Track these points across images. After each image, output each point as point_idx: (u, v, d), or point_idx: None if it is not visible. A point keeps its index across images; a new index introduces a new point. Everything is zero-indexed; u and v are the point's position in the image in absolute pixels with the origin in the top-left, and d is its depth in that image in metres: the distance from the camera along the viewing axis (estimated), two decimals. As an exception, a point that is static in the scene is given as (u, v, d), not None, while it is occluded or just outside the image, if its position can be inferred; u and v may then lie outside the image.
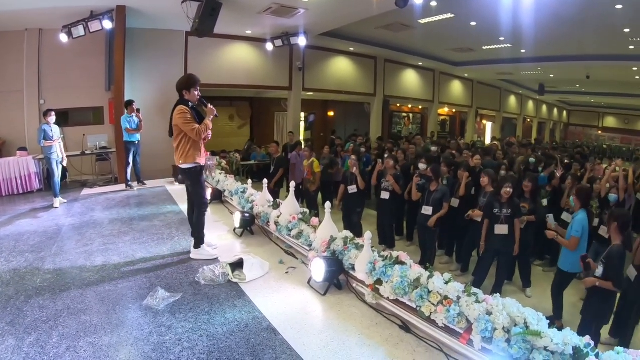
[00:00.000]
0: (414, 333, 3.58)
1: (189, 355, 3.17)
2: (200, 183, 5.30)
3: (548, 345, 2.71)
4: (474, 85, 24.97)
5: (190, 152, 5.02)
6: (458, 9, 11.41)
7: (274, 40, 13.26)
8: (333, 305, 4.06)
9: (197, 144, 5.08)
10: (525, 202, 6.27)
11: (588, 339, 2.75)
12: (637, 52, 14.24)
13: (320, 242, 4.74)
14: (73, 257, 5.25)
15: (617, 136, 37.99)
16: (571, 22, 11.52)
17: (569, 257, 5.36)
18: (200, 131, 4.93)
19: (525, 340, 2.81)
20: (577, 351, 2.66)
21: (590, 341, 2.74)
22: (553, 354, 2.70)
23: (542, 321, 2.90)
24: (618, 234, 4.29)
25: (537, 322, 2.88)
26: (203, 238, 5.39)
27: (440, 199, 6.67)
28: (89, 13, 9.88)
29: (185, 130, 4.90)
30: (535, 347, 2.77)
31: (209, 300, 4.09)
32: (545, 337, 2.73)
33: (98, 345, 3.29)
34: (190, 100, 5.03)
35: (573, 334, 2.77)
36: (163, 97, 11.29)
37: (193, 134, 4.91)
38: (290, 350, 3.28)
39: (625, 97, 27.03)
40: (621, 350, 2.64)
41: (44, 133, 8.16)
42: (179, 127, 4.92)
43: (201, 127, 4.95)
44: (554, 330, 2.80)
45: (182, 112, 4.89)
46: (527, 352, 2.79)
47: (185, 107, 4.93)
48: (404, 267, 3.80)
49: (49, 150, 8.28)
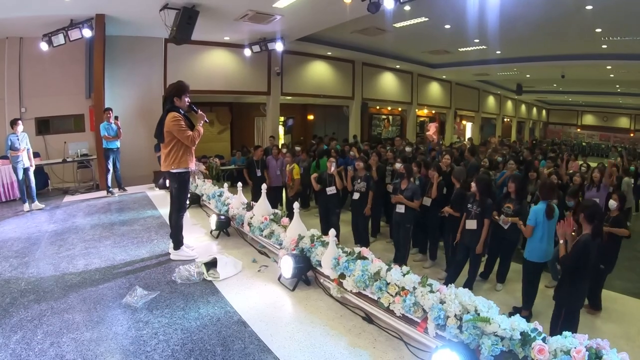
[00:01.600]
0: (376, 324, 3.83)
1: (164, 347, 3.41)
2: (187, 188, 5.53)
3: (497, 331, 2.89)
4: (452, 87, 25.28)
5: (183, 158, 5.19)
6: (431, 13, 11.57)
7: (252, 45, 13.40)
8: (301, 300, 4.33)
9: (190, 149, 5.25)
10: (510, 203, 6.42)
11: (536, 324, 2.94)
12: (610, 51, 14.50)
13: (290, 240, 5.01)
14: (56, 261, 5.40)
15: (596, 133, 38.77)
16: (542, 23, 11.78)
17: (532, 247, 5.60)
18: (194, 137, 5.14)
19: (475, 327, 2.98)
20: (525, 336, 2.85)
21: (537, 326, 2.92)
22: (502, 339, 2.88)
23: (492, 309, 3.09)
24: (587, 224, 4.44)
25: (487, 309, 3.08)
26: (182, 240, 5.58)
27: (411, 196, 6.87)
28: (69, 21, 9.95)
29: (180, 137, 5.06)
30: (485, 333, 2.95)
31: (184, 297, 4.32)
32: (493, 323, 2.90)
33: (80, 340, 3.49)
34: (181, 107, 5.18)
35: (522, 320, 2.96)
36: (143, 104, 11.45)
37: (188, 140, 5.09)
38: (258, 341, 3.53)
39: (603, 95, 27.67)
40: (569, 335, 2.80)
41: (11, 143, 8.36)
42: (173, 133, 5.05)
43: (194, 133, 5.14)
44: (503, 316, 2.98)
45: (176, 119, 5.03)
46: (477, 338, 2.97)
47: (177, 114, 5.07)
48: (365, 261, 4.06)
49: (16, 160, 8.48)
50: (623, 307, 6.15)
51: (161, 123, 5.12)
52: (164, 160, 5.25)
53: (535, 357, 2.72)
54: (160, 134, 5.13)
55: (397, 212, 7.04)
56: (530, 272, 5.73)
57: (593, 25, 11.57)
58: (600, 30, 12.13)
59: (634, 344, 5.02)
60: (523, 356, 2.82)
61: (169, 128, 5.05)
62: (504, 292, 6.65)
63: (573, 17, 10.95)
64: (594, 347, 2.67)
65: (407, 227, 7.07)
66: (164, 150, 5.24)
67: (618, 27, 11.64)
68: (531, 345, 2.78)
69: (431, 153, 10.45)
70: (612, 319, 5.76)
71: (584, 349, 2.63)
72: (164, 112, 5.15)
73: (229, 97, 16.92)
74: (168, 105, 5.18)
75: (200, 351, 3.36)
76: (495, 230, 6.46)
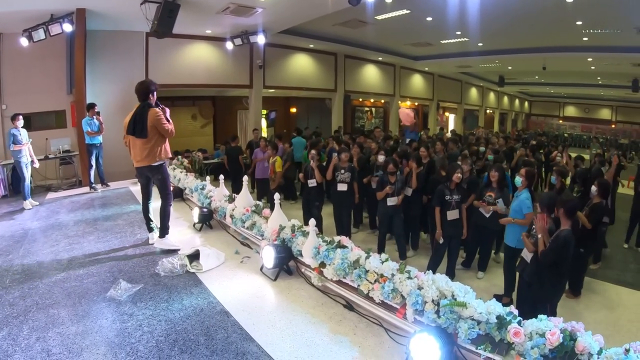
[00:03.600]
0: (356, 311, 3.94)
1: (149, 338, 3.47)
2: (168, 176, 5.86)
3: (473, 315, 2.98)
4: (435, 79, 25.44)
5: (162, 151, 5.49)
6: (413, 5, 11.66)
7: (234, 39, 13.38)
8: (283, 289, 4.43)
9: (167, 141, 5.56)
10: (492, 192, 6.46)
11: (512, 308, 3.04)
12: (591, 44, 14.68)
13: (271, 231, 5.10)
14: (40, 258, 5.42)
15: (578, 125, 39.26)
16: (523, 16, 11.91)
17: (514, 233, 5.67)
18: (173, 131, 5.48)
19: (452, 311, 3.08)
20: (501, 319, 2.93)
21: (513, 310, 3.01)
22: (479, 323, 2.97)
23: (468, 294, 3.18)
24: (566, 219, 4.44)
25: (464, 294, 3.16)
26: (168, 228, 5.74)
27: (402, 188, 7.06)
28: (49, 16, 9.86)
29: (162, 130, 5.35)
30: (462, 317, 3.04)
31: (167, 290, 4.39)
32: (470, 307, 2.99)
33: (65, 334, 3.54)
34: (153, 102, 5.42)
35: (497, 304, 3.04)
36: (125, 99, 11.29)
37: (168, 133, 5.41)
38: (240, 330, 3.62)
39: (584, 87, 28.03)
40: (544, 318, 2.88)
41: (13, 137, 8.26)
42: (156, 127, 5.30)
43: (172, 126, 5.47)
44: (480, 301, 3.06)
45: (158, 114, 5.30)
46: (454, 322, 3.07)
47: (158, 109, 5.35)
48: (345, 250, 4.17)
49: (18, 154, 8.39)
50: (605, 294, 6.29)
51: (142, 120, 5.23)
52: (147, 154, 5.40)
53: (511, 339, 2.80)
54: (142, 130, 5.24)
55: (390, 206, 7.09)
56: (510, 257, 5.78)
57: (574, 17, 11.71)
58: (580, 23, 12.29)
59: (614, 330, 5.15)
60: (499, 339, 2.90)
61: (153, 123, 5.25)
62: (485, 280, 6.76)
63: (554, 10, 11.09)
64: (568, 330, 2.74)
65: (400, 217, 7.20)
66: (144, 146, 5.36)
67: (598, 20, 11.80)
68: (507, 329, 2.86)
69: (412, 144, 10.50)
70: (594, 306, 5.90)
71: (558, 331, 2.71)
72: (140, 109, 5.30)
73: (211, 90, 16.89)
74: (143, 103, 5.34)
75: (184, 341, 3.43)
76: (476, 219, 6.58)
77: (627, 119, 35.72)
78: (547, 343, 2.69)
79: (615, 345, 2.66)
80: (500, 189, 6.49)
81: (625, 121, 35.98)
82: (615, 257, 7.95)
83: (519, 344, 2.78)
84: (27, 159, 8.55)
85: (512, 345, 2.82)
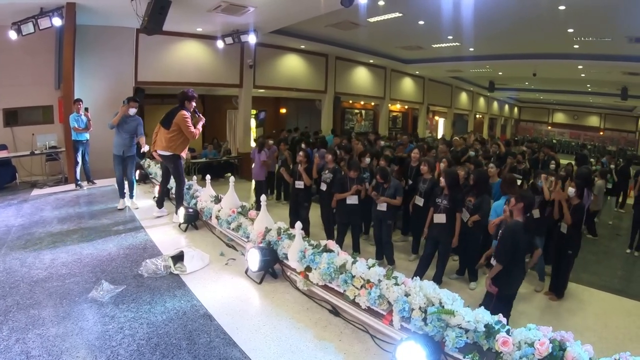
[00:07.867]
0: (342, 316, 3.91)
1: (130, 342, 3.42)
2: (181, 166, 6.81)
3: (461, 323, 2.95)
4: (425, 82, 25.40)
5: (180, 146, 6.57)
6: (406, 8, 11.62)
7: (225, 37, 13.28)
8: (268, 293, 4.39)
9: (187, 141, 6.64)
10: (472, 197, 6.48)
11: (500, 316, 3.00)
12: (582, 51, 14.71)
13: (257, 233, 5.06)
14: (22, 257, 5.33)
15: (566, 131, 39.67)
16: (516, 22, 11.92)
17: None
18: (195, 134, 6.53)
19: (440, 319, 3.05)
20: (489, 328, 2.90)
21: (502, 319, 2.98)
22: (466, 332, 2.94)
23: (456, 301, 3.15)
24: (521, 214, 4.55)
25: (451, 302, 3.14)
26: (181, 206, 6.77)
27: (393, 194, 6.92)
28: (38, 10, 9.72)
29: (185, 129, 6.42)
30: (450, 325, 3.01)
31: (150, 291, 4.34)
32: (457, 315, 2.97)
33: (45, 336, 3.48)
34: (188, 109, 6.52)
35: (485, 312, 3.01)
36: (113, 95, 11.23)
37: (191, 135, 6.49)
38: (223, 334, 3.58)
39: (573, 94, 28.33)
40: (533, 327, 2.86)
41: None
42: (179, 126, 6.40)
43: (196, 130, 6.53)
44: (467, 309, 3.04)
45: (186, 116, 6.43)
46: (441, 330, 3.04)
47: (187, 113, 6.47)
48: (331, 254, 4.13)
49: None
50: (589, 300, 6.29)
51: (172, 115, 6.44)
52: (166, 143, 6.48)
53: (499, 349, 2.77)
54: (168, 123, 6.44)
55: (378, 210, 7.04)
56: None
57: (565, 25, 11.72)
58: (572, 31, 12.31)
59: (600, 336, 5.13)
60: (487, 348, 2.88)
61: (178, 121, 6.39)
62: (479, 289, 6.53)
63: (546, 17, 11.07)
64: (557, 339, 2.72)
65: (388, 223, 7.11)
66: (166, 136, 6.48)
67: (590, 28, 11.84)
68: (495, 337, 2.83)
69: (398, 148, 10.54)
70: (578, 312, 5.89)
71: (547, 341, 2.69)
72: (174, 108, 6.51)
73: (201, 89, 16.55)
74: (179, 105, 6.50)
75: (166, 345, 3.38)
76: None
77: (615, 126, 36.13)
78: (536, 353, 2.67)
79: (604, 354, 2.66)
80: (479, 193, 6.50)
81: (614, 128, 36.38)
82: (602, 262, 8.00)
83: (508, 353, 2.76)
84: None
85: (501, 354, 2.79)
